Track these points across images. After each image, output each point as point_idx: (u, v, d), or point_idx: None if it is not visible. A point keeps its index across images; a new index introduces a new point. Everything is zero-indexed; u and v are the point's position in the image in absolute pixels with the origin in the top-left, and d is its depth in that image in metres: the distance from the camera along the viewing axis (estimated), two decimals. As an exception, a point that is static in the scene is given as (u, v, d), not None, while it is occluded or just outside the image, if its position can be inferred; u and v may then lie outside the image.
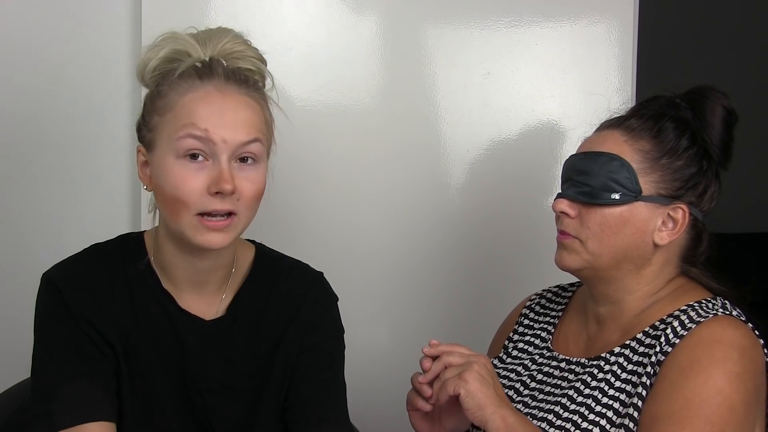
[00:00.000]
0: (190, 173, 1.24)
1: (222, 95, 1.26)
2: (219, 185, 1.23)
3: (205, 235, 1.25)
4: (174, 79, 1.27)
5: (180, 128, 1.24)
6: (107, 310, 1.31)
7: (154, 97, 1.29)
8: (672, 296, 1.39)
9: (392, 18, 1.99)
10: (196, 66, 1.27)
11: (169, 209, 1.26)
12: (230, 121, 1.25)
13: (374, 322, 2.02)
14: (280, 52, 1.95)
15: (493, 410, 1.27)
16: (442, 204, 2.04)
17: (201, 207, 1.24)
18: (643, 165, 1.36)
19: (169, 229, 1.30)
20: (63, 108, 1.92)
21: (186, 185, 1.23)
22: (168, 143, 1.25)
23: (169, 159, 1.25)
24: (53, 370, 1.28)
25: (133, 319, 1.33)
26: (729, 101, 1.39)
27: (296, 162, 1.99)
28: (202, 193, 1.24)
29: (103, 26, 1.92)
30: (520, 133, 2.04)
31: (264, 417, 1.37)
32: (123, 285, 1.34)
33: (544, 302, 1.59)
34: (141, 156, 1.32)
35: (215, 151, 1.24)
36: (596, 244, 1.36)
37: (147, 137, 1.30)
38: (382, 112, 2.00)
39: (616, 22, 2.01)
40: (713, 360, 1.26)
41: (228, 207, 1.25)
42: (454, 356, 1.33)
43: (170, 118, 1.26)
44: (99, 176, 1.95)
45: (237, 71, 1.29)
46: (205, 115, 1.24)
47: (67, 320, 1.29)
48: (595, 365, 1.38)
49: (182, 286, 1.35)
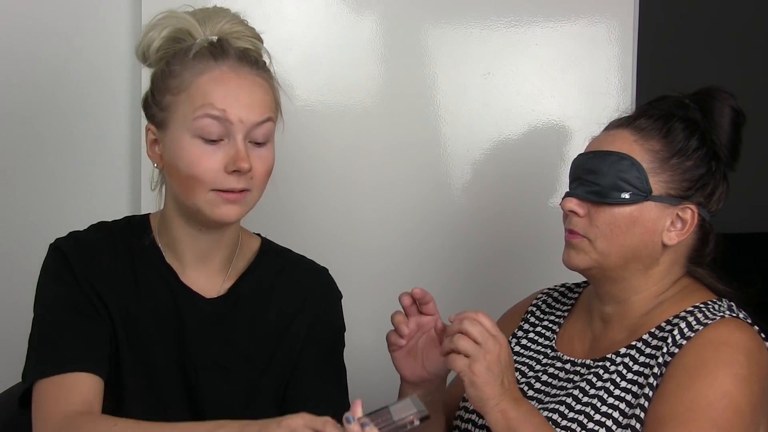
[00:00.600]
0: (206, 152, 1.27)
1: (237, 76, 1.29)
2: (237, 164, 1.26)
3: (222, 207, 1.28)
4: (188, 59, 1.29)
5: (197, 108, 1.27)
6: (110, 278, 1.34)
7: (166, 76, 1.30)
8: (678, 297, 1.39)
9: (392, 18, 1.98)
10: (210, 46, 1.30)
11: (184, 186, 1.29)
12: (246, 101, 1.28)
13: (374, 321, 2.01)
14: (280, 52, 1.93)
15: (494, 404, 1.25)
16: (442, 204, 2.04)
17: (217, 184, 1.28)
18: (653, 165, 1.36)
19: (181, 205, 1.33)
20: (62, 105, 1.91)
21: (202, 164, 1.27)
22: (183, 122, 1.28)
23: (185, 138, 1.28)
24: (48, 323, 1.31)
25: (135, 289, 1.35)
26: (737, 102, 1.40)
27: (296, 162, 1.98)
28: (218, 171, 1.27)
29: (103, 26, 1.92)
30: (520, 133, 2.04)
31: (260, 405, 1.37)
32: (127, 258, 1.37)
33: (551, 301, 1.59)
34: (150, 134, 1.34)
35: (231, 131, 1.27)
36: (605, 244, 1.36)
37: (158, 116, 1.32)
38: (382, 112, 2.00)
39: (616, 22, 2.01)
40: (720, 362, 1.26)
41: (243, 185, 1.28)
42: (475, 329, 1.26)
43: (185, 98, 1.28)
44: (99, 171, 1.95)
45: (247, 52, 1.32)
46: (221, 95, 1.27)
47: (69, 280, 1.32)
48: (600, 366, 1.38)
49: (186, 261, 1.38)
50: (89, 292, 1.32)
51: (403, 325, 1.36)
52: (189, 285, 1.37)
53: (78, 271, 1.32)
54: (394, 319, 1.37)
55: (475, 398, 1.26)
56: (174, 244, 1.37)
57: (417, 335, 1.38)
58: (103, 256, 1.35)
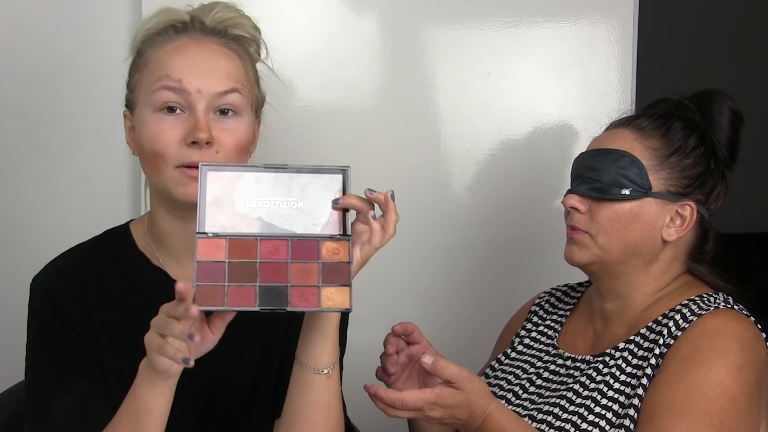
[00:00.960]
0: (166, 125, 1.23)
1: (197, 45, 1.25)
2: (194, 134, 1.21)
3: (187, 186, 1.22)
4: (153, 36, 1.27)
5: (155, 81, 1.23)
6: (101, 300, 1.30)
7: (136, 58, 1.29)
8: (677, 292, 1.41)
9: (392, 18, 1.99)
10: (174, 24, 1.27)
11: (149, 165, 1.25)
12: (204, 70, 1.24)
13: (375, 322, 2.01)
14: (280, 52, 1.94)
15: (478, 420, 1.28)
16: (442, 204, 2.04)
17: (179, 159, 1.22)
18: (653, 162, 1.38)
19: (158, 192, 1.29)
20: (62, 104, 1.91)
21: (162, 137, 1.22)
22: (145, 98, 1.25)
23: (147, 114, 1.24)
24: (49, 376, 1.26)
25: (128, 301, 1.31)
26: (735, 103, 1.43)
27: (296, 162, 1.98)
28: (179, 144, 1.22)
29: (102, 25, 1.92)
30: (520, 133, 2.04)
31: (264, 386, 1.35)
32: (112, 274, 1.32)
33: (553, 300, 1.60)
34: (127, 121, 1.31)
35: (191, 102, 1.23)
36: (606, 239, 1.38)
37: (130, 99, 1.29)
38: (382, 112, 2.00)
39: (616, 22, 2.02)
40: (715, 352, 1.27)
41: (207, 158, 1.22)
42: (436, 411, 1.27)
43: (147, 74, 1.25)
44: (99, 171, 1.95)
45: (217, 26, 1.29)
46: (178, 65, 1.23)
47: (58, 326, 1.27)
48: (600, 361, 1.40)
49: (181, 256, 1.33)
50: (82, 330, 1.28)
51: (388, 365, 1.37)
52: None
53: (66, 308, 1.28)
54: (381, 361, 1.38)
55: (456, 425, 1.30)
56: (164, 239, 1.33)
57: (410, 364, 1.38)
58: (87, 281, 1.31)
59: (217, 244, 1.14)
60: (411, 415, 1.27)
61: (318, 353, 1.21)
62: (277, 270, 1.13)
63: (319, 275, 1.14)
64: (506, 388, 1.48)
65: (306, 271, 1.14)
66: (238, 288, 1.12)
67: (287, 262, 1.14)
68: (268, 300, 1.12)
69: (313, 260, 1.15)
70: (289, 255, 1.15)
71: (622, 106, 1.91)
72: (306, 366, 1.22)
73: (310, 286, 1.13)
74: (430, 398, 1.24)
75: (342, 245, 1.17)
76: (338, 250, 1.16)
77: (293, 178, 1.19)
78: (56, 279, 1.30)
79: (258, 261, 1.14)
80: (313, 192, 1.19)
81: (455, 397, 1.25)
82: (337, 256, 1.16)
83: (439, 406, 1.25)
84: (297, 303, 1.12)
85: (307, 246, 1.15)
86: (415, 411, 1.25)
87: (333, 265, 1.15)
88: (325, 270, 1.14)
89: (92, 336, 1.29)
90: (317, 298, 1.13)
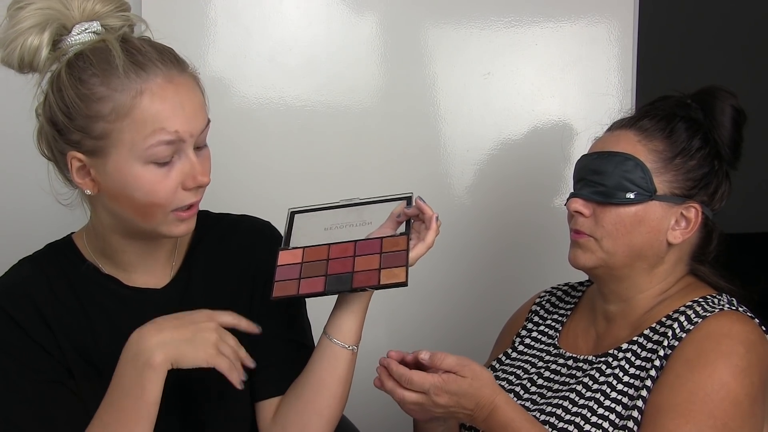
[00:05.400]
0: (162, 176, 1.22)
1: (174, 86, 1.21)
2: (197, 180, 1.23)
3: (180, 226, 1.26)
4: (114, 77, 1.19)
5: (148, 136, 1.19)
6: (56, 312, 1.30)
7: (87, 100, 1.19)
8: (680, 294, 1.40)
9: (392, 18, 1.99)
10: (127, 55, 1.20)
11: (140, 213, 1.24)
12: (190, 112, 1.22)
13: (375, 322, 2.01)
14: (280, 52, 1.94)
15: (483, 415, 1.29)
16: (442, 204, 2.02)
17: (177, 204, 1.24)
18: (657, 165, 1.37)
19: (126, 225, 1.28)
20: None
21: (161, 189, 1.22)
22: (132, 150, 1.20)
23: (137, 166, 1.21)
24: (7, 397, 1.26)
25: (85, 312, 1.31)
26: (738, 101, 1.41)
27: (296, 162, 1.99)
28: (176, 191, 1.23)
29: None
30: (520, 133, 2.04)
31: None
32: (64, 285, 1.32)
33: (554, 300, 1.60)
34: (76, 162, 1.23)
35: (182, 148, 1.23)
36: (611, 243, 1.37)
37: (88, 144, 1.21)
38: (382, 112, 2.00)
39: (616, 22, 2.02)
40: (719, 354, 1.27)
41: (200, 195, 1.27)
42: (412, 394, 1.29)
43: (129, 125, 1.19)
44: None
45: (164, 50, 1.25)
46: (169, 115, 1.20)
47: (17, 340, 1.27)
48: (603, 361, 1.39)
49: (132, 268, 1.34)
50: (43, 340, 1.28)
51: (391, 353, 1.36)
52: (138, 285, 1.34)
53: (25, 325, 1.28)
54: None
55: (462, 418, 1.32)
56: (114, 255, 1.33)
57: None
58: (39, 293, 1.30)
59: (294, 253, 1.36)
60: (417, 398, 1.28)
61: (347, 329, 1.33)
62: (344, 264, 1.31)
63: (379, 262, 1.30)
64: (507, 389, 1.48)
65: (368, 261, 1.31)
66: (309, 280, 1.31)
67: (353, 256, 1.32)
68: (334, 284, 1.29)
69: (375, 252, 1.32)
70: (355, 252, 1.33)
71: (622, 106, 1.92)
72: (336, 340, 1.33)
73: (371, 270, 1.29)
74: (437, 382, 1.26)
75: (400, 239, 1.33)
76: (397, 242, 1.32)
77: (366, 207, 1.40)
78: (7, 298, 1.29)
79: (328, 259, 1.33)
80: (381, 216, 1.38)
81: (461, 384, 1.26)
82: (395, 247, 1.32)
83: (444, 391, 1.26)
84: (359, 283, 1.28)
85: (370, 244, 1.34)
86: (420, 394, 1.27)
87: (392, 253, 1.31)
88: (385, 258, 1.31)
89: (58, 350, 1.29)
90: (377, 277, 1.28)
